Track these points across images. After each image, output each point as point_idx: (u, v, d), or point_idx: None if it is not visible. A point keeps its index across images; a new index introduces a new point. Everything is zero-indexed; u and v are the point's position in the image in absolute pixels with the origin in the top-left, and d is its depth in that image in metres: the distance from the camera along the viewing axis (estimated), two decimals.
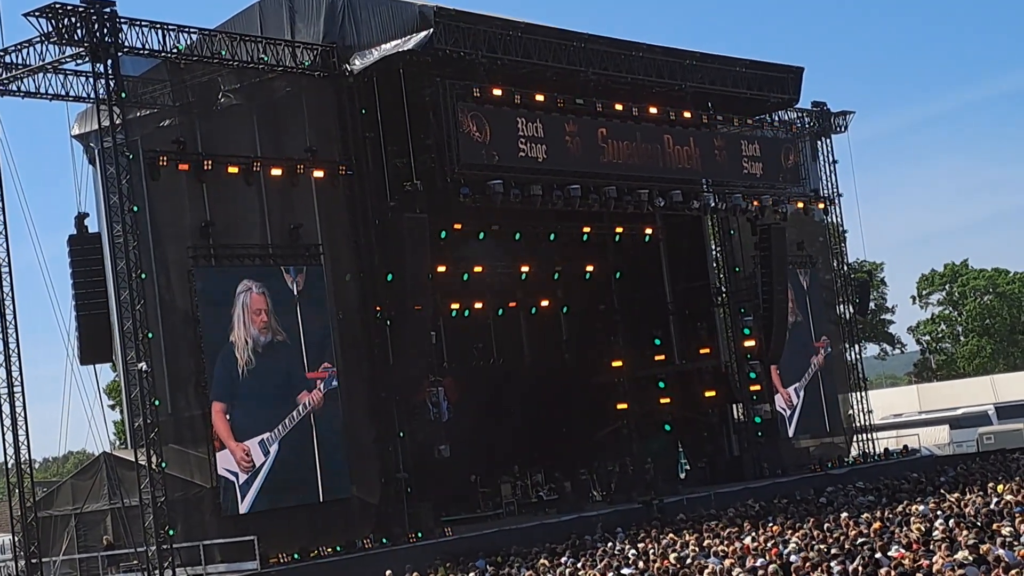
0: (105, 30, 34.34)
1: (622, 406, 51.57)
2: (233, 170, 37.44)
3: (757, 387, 51.97)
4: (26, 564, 36.16)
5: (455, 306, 48.24)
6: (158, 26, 36.05)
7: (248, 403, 36.89)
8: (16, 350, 36.21)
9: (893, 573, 20.66)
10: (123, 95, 34.76)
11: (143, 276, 34.53)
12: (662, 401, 51.98)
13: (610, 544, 33.97)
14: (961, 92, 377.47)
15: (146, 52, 36.03)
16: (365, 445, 39.28)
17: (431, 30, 38.72)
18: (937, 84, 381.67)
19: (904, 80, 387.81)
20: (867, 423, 56.23)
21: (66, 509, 37.71)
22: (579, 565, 29.08)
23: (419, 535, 38.29)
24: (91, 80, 35.18)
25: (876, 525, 29.24)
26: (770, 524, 33.30)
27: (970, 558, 21.19)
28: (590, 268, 52.72)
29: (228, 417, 36.33)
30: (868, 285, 64.29)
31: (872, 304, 75.88)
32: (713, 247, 54.37)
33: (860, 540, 26.46)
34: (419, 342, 40.24)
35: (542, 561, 30.66)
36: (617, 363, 51.84)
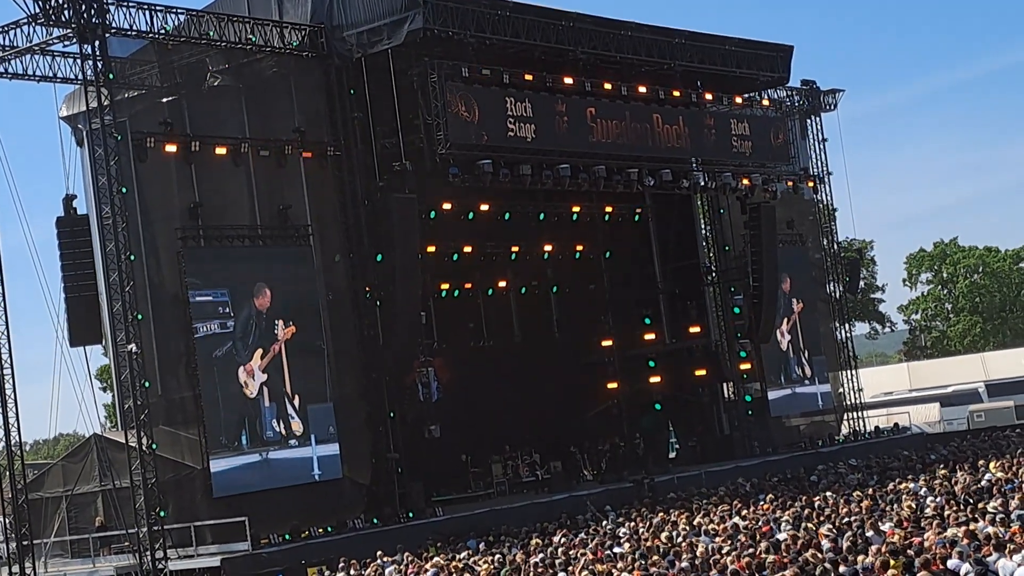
0: (92, 11, 34.19)
1: (612, 385, 51.55)
2: (221, 151, 37.36)
3: (747, 365, 52.06)
4: (17, 546, 36.11)
5: (445, 286, 48.24)
6: (145, 7, 35.93)
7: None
8: (6, 332, 36.13)
9: (884, 550, 20.71)
10: (111, 76, 34.64)
11: (132, 258, 34.45)
12: (652, 380, 51.97)
13: (601, 523, 34.05)
14: (951, 71, 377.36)
15: (133, 33, 35.91)
16: (356, 425, 39.27)
17: (420, 24, 38.60)
18: (927, 63, 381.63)
19: (894, 58, 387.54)
20: (857, 401, 56.30)
21: (57, 491, 37.69)
22: (570, 544, 29.12)
23: (410, 515, 38.33)
24: (78, 61, 35.07)
25: (867, 503, 29.34)
26: (761, 502, 33.39)
27: (960, 535, 21.24)
28: (580, 248, 52.67)
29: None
30: (858, 264, 64.37)
31: (862, 282, 75.95)
32: (703, 226, 54.39)
33: (851, 518, 26.53)
34: (409, 322, 40.22)
35: (534, 540, 30.70)
36: (607, 342, 51.79)
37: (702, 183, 48.53)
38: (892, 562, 19.72)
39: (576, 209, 50.22)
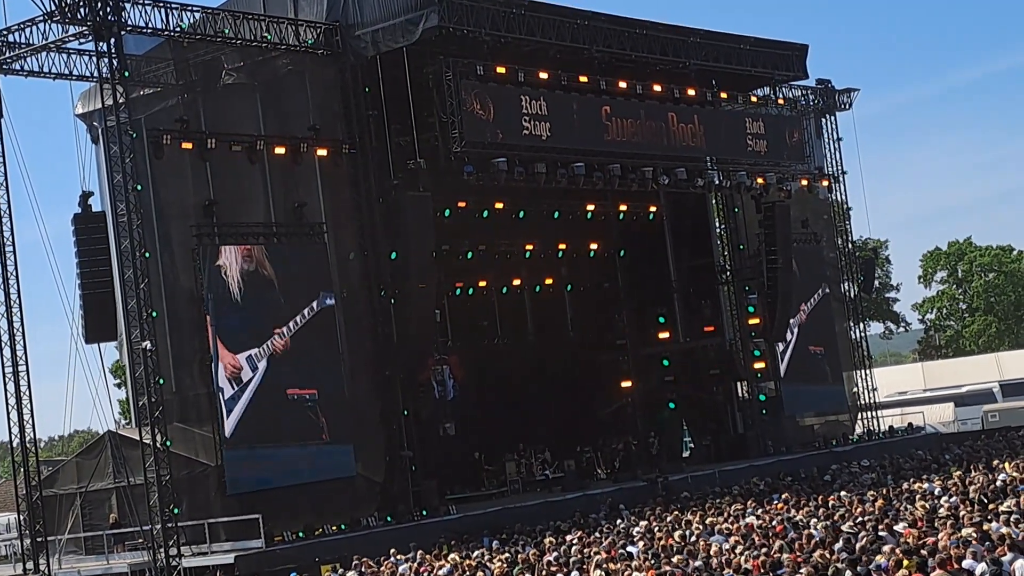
0: (108, 9, 34.27)
1: (626, 384, 51.56)
2: (236, 149, 37.41)
3: (761, 364, 51.99)
4: (31, 543, 36.23)
5: (459, 284, 48.30)
6: (161, 5, 36.00)
7: (235, 317, 36.78)
8: (21, 329, 36.28)
9: (897, 550, 20.67)
10: (126, 74, 34.71)
11: (147, 255, 34.52)
12: (666, 379, 51.98)
13: (615, 522, 34.03)
14: (966, 69, 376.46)
15: (149, 31, 35.97)
16: (370, 423, 39.30)
17: (436, 22, 38.61)
18: (942, 61, 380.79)
19: (909, 57, 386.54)
20: (872, 401, 56.23)
21: (71, 488, 37.75)
22: (584, 543, 29.10)
23: (424, 513, 38.36)
24: (94, 59, 35.11)
25: (880, 503, 29.29)
26: (775, 502, 33.35)
27: (975, 535, 21.20)
28: (594, 246, 52.70)
29: (216, 328, 36.14)
30: (873, 263, 64.27)
31: (876, 282, 75.81)
32: (717, 225, 54.31)
33: (864, 518, 26.49)
34: (423, 320, 40.24)
35: (548, 539, 30.69)
36: (621, 341, 51.84)
37: (717, 182, 48.51)
38: (906, 562, 19.69)
39: (591, 207, 50.24)
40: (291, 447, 37.34)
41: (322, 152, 39.05)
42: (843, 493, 33.73)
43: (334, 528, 36.38)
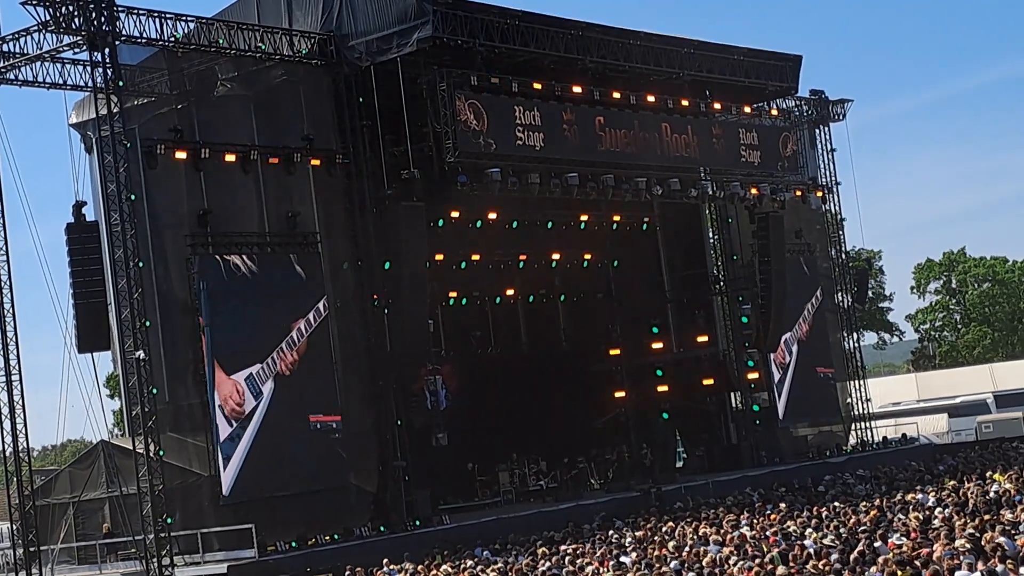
0: (103, 19, 34.29)
1: (620, 394, 51.57)
2: (230, 158, 37.43)
3: (755, 375, 52.02)
4: (24, 552, 36.16)
5: (453, 294, 48.32)
6: (155, 15, 36.02)
7: (233, 328, 36.69)
8: (14, 338, 36.22)
9: (891, 561, 20.67)
10: (120, 84, 34.70)
11: (140, 264, 34.53)
12: (660, 389, 51.97)
13: (608, 532, 34.01)
14: (959, 79, 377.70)
15: (144, 41, 35.99)
16: (363, 433, 39.29)
17: (430, 32, 38.64)
18: (935, 71, 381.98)
19: (902, 68, 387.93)
20: (865, 411, 56.24)
21: (64, 497, 37.71)
22: (578, 553, 29.09)
23: (417, 523, 38.35)
24: (88, 69, 35.15)
25: (874, 513, 29.31)
26: (768, 512, 33.34)
27: (968, 546, 21.20)
28: (588, 256, 52.73)
29: (211, 344, 35.86)
30: (867, 273, 64.31)
31: (870, 292, 75.86)
32: (711, 235, 54.38)
33: (858, 528, 26.50)
34: (416, 330, 40.23)
35: (541, 549, 30.67)
36: (615, 351, 51.84)
37: (710, 192, 48.52)
38: (899, 573, 19.69)
39: (584, 218, 50.31)
40: (308, 496, 37.24)
41: (316, 162, 39.09)
42: (837, 504, 33.73)
43: (327, 538, 36.33)
